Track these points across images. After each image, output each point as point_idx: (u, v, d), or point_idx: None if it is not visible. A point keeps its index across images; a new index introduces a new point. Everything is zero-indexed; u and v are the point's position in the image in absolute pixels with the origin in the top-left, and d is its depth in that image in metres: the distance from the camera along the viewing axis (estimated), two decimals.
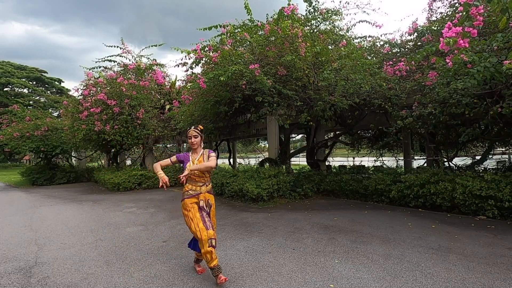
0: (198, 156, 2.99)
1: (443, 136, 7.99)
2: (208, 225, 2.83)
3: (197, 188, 2.96)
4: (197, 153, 3.02)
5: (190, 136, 2.99)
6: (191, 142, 2.99)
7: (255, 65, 5.97)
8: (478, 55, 3.50)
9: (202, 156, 3.00)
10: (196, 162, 2.95)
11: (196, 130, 3.00)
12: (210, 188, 3.07)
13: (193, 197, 2.94)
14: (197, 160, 2.96)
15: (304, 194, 7.51)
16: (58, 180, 14.00)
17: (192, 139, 2.98)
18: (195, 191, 2.95)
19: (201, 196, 2.95)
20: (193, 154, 3.03)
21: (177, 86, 12.66)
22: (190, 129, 3.01)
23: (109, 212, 6.62)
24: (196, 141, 2.99)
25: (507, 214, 4.90)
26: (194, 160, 2.97)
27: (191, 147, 3.03)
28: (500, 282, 2.71)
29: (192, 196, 2.94)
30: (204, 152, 3.04)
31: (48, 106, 33.67)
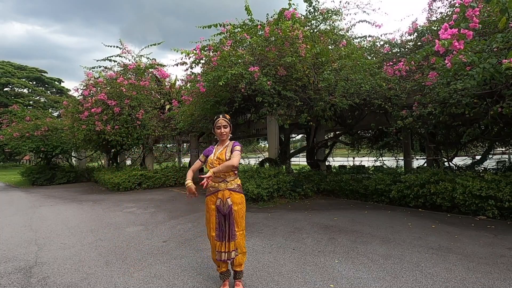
0: (221, 149, 2.67)
1: (443, 136, 7.99)
2: (220, 234, 2.55)
3: (215, 184, 2.61)
4: (222, 145, 2.69)
5: (219, 126, 2.65)
6: (220, 132, 2.65)
7: (254, 67, 5.97)
8: (477, 55, 3.50)
9: (225, 148, 2.65)
10: (217, 154, 2.63)
11: (225, 119, 2.68)
12: (234, 185, 2.63)
13: (212, 195, 2.62)
14: (219, 153, 2.63)
15: (304, 194, 7.51)
16: (58, 180, 14.00)
17: (222, 129, 2.65)
18: (214, 187, 2.61)
19: (219, 193, 2.59)
20: (218, 146, 2.72)
21: (177, 86, 12.65)
22: (219, 118, 2.68)
23: (109, 212, 6.62)
24: (226, 131, 2.66)
25: (507, 214, 4.90)
26: (216, 152, 2.66)
27: (220, 138, 2.69)
28: (500, 282, 2.71)
29: (211, 194, 2.63)
30: (229, 144, 2.67)
31: (48, 106, 33.67)
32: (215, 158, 2.62)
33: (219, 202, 2.59)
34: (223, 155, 2.61)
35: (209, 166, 2.64)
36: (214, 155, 2.65)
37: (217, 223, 2.59)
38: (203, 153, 2.78)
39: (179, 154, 21.76)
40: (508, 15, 2.95)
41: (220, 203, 2.59)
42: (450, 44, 2.96)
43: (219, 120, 2.68)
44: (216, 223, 2.59)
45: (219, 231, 2.58)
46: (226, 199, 2.58)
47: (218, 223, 2.59)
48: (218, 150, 2.69)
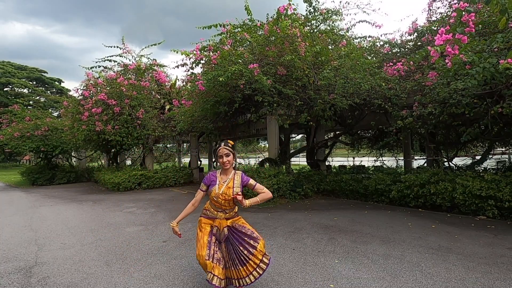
0: (227, 179, 2.49)
1: (443, 136, 7.99)
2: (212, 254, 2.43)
3: (214, 212, 2.53)
4: (226, 175, 2.53)
5: (221, 155, 2.46)
6: (223, 162, 2.46)
7: (254, 64, 5.97)
8: (477, 55, 3.51)
9: (232, 181, 2.49)
10: (223, 189, 2.45)
11: (227, 147, 2.47)
12: (232, 215, 2.55)
13: (209, 219, 2.55)
14: (226, 187, 2.46)
15: (304, 194, 7.51)
16: (58, 180, 14.00)
17: (224, 158, 2.45)
18: (212, 214, 2.54)
19: (216, 221, 2.52)
20: (222, 175, 2.54)
21: (177, 86, 12.66)
22: (221, 146, 2.48)
23: (109, 212, 6.62)
24: (229, 159, 2.46)
25: (507, 214, 4.90)
26: (222, 182, 2.49)
27: (223, 167, 2.51)
28: (500, 282, 2.71)
29: (208, 217, 2.56)
30: (235, 177, 2.52)
31: (48, 106, 33.69)
32: (220, 193, 2.45)
33: (216, 231, 2.52)
34: (230, 191, 2.45)
35: (213, 199, 2.50)
36: (219, 189, 2.47)
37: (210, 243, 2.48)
38: (204, 182, 2.57)
39: (179, 154, 21.77)
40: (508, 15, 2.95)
41: (217, 231, 2.52)
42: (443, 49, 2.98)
43: (221, 149, 2.48)
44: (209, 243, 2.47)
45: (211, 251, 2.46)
46: (223, 228, 2.51)
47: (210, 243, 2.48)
48: (222, 180, 2.51)
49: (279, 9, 6.54)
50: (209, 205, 2.57)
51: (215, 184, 2.50)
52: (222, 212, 2.52)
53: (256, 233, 2.56)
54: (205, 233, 2.51)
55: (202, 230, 2.54)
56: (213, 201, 2.51)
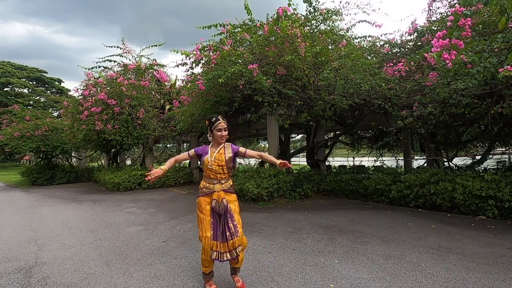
0: (218, 149, 2.66)
1: (443, 136, 7.99)
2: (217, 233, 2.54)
3: (210, 185, 2.63)
4: (216, 147, 2.68)
5: (221, 129, 2.62)
6: (221, 135, 2.63)
7: (254, 65, 5.97)
8: (478, 55, 3.51)
9: (223, 148, 2.67)
10: (215, 155, 2.62)
11: (225, 121, 2.69)
12: (228, 187, 2.67)
13: (207, 196, 2.64)
14: (217, 153, 2.63)
15: (304, 194, 7.51)
16: (58, 180, 14.00)
17: (223, 131, 2.63)
18: (208, 188, 2.63)
19: (214, 195, 2.61)
20: (212, 148, 2.70)
21: (177, 86, 12.66)
22: (220, 120, 2.63)
23: (109, 212, 6.62)
24: (226, 134, 2.66)
25: (507, 214, 4.90)
26: (214, 153, 2.64)
27: (219, 141, 2.66)
28: (500, 282, 2.71)
29: (205, 195, 2.64)
30: (226, 146, 2.70)
31: (48, 106, 33.68)
32: (213, 160, 2.60)
33: (215, 203, 2.59)
34: (222, 156, 2.62)
35: (206, 167, 2.63)
36: (211, 157, 2.62)
37: (212, 224, 2.57)
38: (196, 151, 2.71)
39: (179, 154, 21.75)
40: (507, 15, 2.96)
41: (216, 203, 2.59)
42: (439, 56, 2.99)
43: (221, 123, 2.63)
44: (211, 224, 2.57)
45: (215, 231, 2.55)
46: (221, 199, 2.60)
47: (213, 223, 2.57)
48: (214, 151, 2.66)
49: (278, 10, 6.54)
50: (204, 181, 2.69)
51: (207, 153, 2.65)
52: (218, 183, 2.63)
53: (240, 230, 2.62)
54: (206, 214, 2.60)
55: (203, 212, 2.62)
56: (208, 171, 2.63)
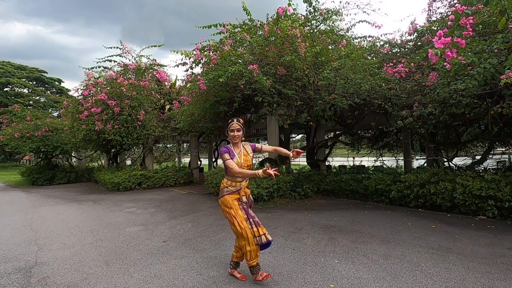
0: (241, 150, 2.87)
1: (443, 136, 8.00)
2: (251, 221, 2.75)
3: (237, 184, 2.83)
4: (237, 147, 2.88)
5: (233, 129, 2.82)
6: (233, 135, 2.82)
7: (254, 65, 5.97)
8: (477, 56, 3.50)
9: (244, 149, 2.89)
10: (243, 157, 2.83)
11: (239, 123, 2.85)
12: (247, 182, 2.95)
13: (234, 193, 2.82)
14: (244, 155, 2.85)
15: (304, 194, 7.51)
16: (58, 180, 13.99)
17: (235, 132, 2.81)
18: (235, 187, 2.83)
19: (241, 192, 2.85)
20: (235, 148, 2.87)
21: (177, 86, 12.67)
22: (233, 122, 2.84)
23: (109, 212, 6.62)
24: (239, 134, 2.82)
25: (507, 214, 4.90)
26: (240, 155, 2.83)
27: (232, 141, 2.86)
28: (500, 282, 2.71)
29: (232, 193, 2.82)
30: (245, 146, 2.92)
31: (48, 106, 33.67)
32: (242, 162, 2.82)
33: (245, 198, 2.87)
34: (248, 157, 2.89)
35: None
36: (240, 158, 2.82)
37: (246, 214, 2.78)
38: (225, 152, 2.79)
39: (179, 154, 21.78)
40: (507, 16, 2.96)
41: (246, 199, 2.88)
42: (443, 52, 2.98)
43: (233, 124, 2.84)
44: (245, 214, 2.78)
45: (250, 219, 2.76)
46: (248, 194, 2.92)
47: (247, 213, 2.79)
48: (237, 152, 2.86)
49: (277, 11, 6.54)
50: (228, 180, 2.85)
51: (235, 156, 2.82)
52: (243, 180, 2.86)
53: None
54: (236, 207, 2.79)
55: (232, 207, 2.79)
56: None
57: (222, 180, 2.92)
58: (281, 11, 6.42)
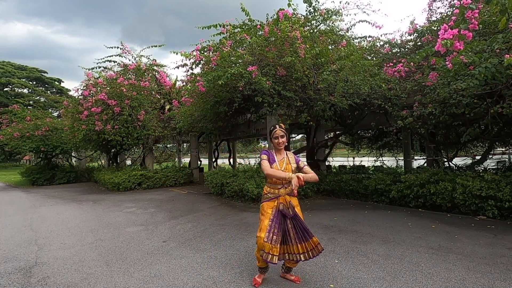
0: (283, 157, 2.78)
1: (443, 136, 7.99)
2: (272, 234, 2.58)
3: (275, 190, 2.73)
4: (280, 154, 2.80)
5: (277, 136, 2.74)
6: (278, 142, 2.74)
7: (253, 66, 5.98)
8: (478, 56, 3.50)
9: (287, 157, 2.78)
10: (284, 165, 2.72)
11: (282, 129, 2.76)
12: (290, 190, 2.71)
13: (271, 201, 2.73)
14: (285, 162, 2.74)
15: (304, 194, 7.50)
16: (58, 180, 14.00)
17: (279, 139, 2.73)
18: (273, 194, 2.73)
19: (280, 199, 2.71)
20: (277, 155, 2.79)
21: (177, 86, 12.67)
22: (276, 128, 2.76)
23: (109, 212, 6.62)
24: (283, 141, 2.75)
25: (507, 214, 4.90)
26: (280, 160, 2.74)
27: (277, 147, 2.77)
28: (500, 282, 2.71)
29: (270, 200, 2.74)
30: (289, 155, 2.81)
31: (48, 106, 33.70)
32: (282, 169, 2.69)
33: (282, 207, 2.69)
34: (289, 166, 2.73)
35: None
36: (280, 165, 2.71)
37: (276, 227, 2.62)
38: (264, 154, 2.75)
39: (179, 154, 21.78)
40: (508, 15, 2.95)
41: (284, 207, 2.69)
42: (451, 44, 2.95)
43: (276, 131, 2.75)
44: (275, 227, 2.62)
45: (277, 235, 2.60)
46: (288, 202, 2.70)
47: (278, 227, 2.63)
48: (279, 158, 2.77)
49: (278, 14, 6.52)
50: (268, 187, 2.77)
51: (275, 161, 2.73)
52: (282, 187, 2.71)
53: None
54: (266, 216, 2.68)
55: (264, 214, 2.72)
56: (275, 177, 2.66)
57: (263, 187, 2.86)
58: (282, 14, 6.41)
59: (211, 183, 8.55)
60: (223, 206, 6.84)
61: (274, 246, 2.55)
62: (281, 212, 2.68)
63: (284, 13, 6.40)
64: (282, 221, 2.69)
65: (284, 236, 2.68)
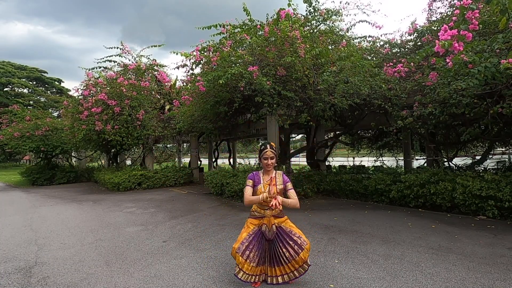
0: (269, 178, 2.73)
1: (443, 136, 7.99)
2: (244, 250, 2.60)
3: (261, 210, 2.71)
4: (268, 174, 2.76)
5: (267, 158, 2.70)
6: (267, 163, 2.70)
7: (254, 67, 5.98)
8: (478, 55, 3.51)
9: (274, 178, 2.73)
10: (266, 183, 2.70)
11: (272, 150, 2.72)
12: (277, 212, 2.69)
13: (256, 219, 2.73)
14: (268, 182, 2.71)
15: (304, 194, 7.50)
16: (58, 180, 14.00)
17: (268, 160, 2.70)
18: (259, 213, 2.73)
19: (264, 219, 2.70)
20: (264, 175, 2.76)
21: (177, 86, 12.67)
22: (267, 149, 2.70)
23: (109, 212, 6.62)
24: (272, 162, 2.71)
25: (507, 214, 4.90)
26: (266, 182, 2.71)
27: (265, 168, 2.74)
28: (500, 282, 2.71)
29: (255, 217, 2.74)
30: (277, 176, 2.75)
31: (48, 106, 33.69)
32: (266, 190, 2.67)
33: (265, 228, 2.70)
34: (274, 188, 2.69)
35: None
36: (264, 188, 2.69)
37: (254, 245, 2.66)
38: (250, 178, 2.77)
39: (179, 154, 21.79)
40: (508, 15, 2.96)
41: (266, 228, 2.70)
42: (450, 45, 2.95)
43: (267, 152, 2.70)
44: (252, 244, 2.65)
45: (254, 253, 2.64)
46: (271, 225, 2.70)
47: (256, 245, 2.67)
48: (265, 180, 2.74)
49: (280, 14, 6.51)
50: (256, 206, 2.76)
51: (260, 183, 2.71)
52: (269, 209, 2.68)
53: (303, 237, 2.70)
54: (247, 230, 2.71)
55: (245, 228, 2.76)
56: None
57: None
58: (283, 14, 6.40)
59: (211, 183, 8.55)
60: (223, 206, 6.84)
61: (245, 262, 2.59)
62: (262, 233, 2.70)
63: (286, 12, 6.40)
64: (262, 241, 2.71)
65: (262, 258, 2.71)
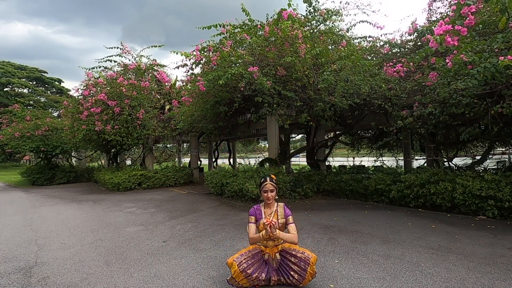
0: (272, 212, 2.75)
1: (443, 136, 7.99)
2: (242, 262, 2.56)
3: (263, 242, 2.73)
4: (270, 208, 2.77)
5: (266, 190, 2.72)
6: (267, 196, 2.72)
7: (254, 67, 5.98)
8: (478, 55, 3.50)
9: (276, 213, 2.74)
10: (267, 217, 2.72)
11: (272, 182, 2.74)
12: (280, 242, 2.74)
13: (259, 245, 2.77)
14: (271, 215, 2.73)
15: (304, 194, 7.51)
16: (58, 180, 14.00)
17: (269, 193, 2.71)
18: (262, 243, 2.76)
19: (267, 249, 2.74)
20: (266, 209, 2.79)
21: (177, 86, 12.67)
22: (266, 182, 2.72)
23: (109, 212, 6.62)
24: (272, 195, 2.73)
25: (507, 214, 4.90)
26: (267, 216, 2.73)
27: (266, 201, 2.77)
28: (500, 282, 2.71)
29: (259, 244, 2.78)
30: (278, 209, 2.76)
31: (48, 106, 33.71)
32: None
33: (267, 257, 2.72)
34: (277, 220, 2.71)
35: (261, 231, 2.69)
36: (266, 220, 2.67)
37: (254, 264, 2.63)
38: (251, 214, 2.79)
39: (179, 154, 21.79)
40: (508, 15, 2.95)
41: (269, 257, 2.72)
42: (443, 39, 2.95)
43: (267, 185, 2.72)
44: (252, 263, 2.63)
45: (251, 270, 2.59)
46: (274, 254, 2.72)
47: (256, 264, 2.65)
48: (267, 213, 2.75)
49: (281, 14, 6.51)
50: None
51: (262, 217, 2.73)
52: (271, 240, 2.71)
53: (307, 252, 2.65)
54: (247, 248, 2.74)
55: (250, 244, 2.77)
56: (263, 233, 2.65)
57: None
58: (286, 15, 6.40)
59: (211, 183, 8.55)
60: (223, 206, 6.84)
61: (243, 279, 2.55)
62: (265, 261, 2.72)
63: (289, 13, 6.40)
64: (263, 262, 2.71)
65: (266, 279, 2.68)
